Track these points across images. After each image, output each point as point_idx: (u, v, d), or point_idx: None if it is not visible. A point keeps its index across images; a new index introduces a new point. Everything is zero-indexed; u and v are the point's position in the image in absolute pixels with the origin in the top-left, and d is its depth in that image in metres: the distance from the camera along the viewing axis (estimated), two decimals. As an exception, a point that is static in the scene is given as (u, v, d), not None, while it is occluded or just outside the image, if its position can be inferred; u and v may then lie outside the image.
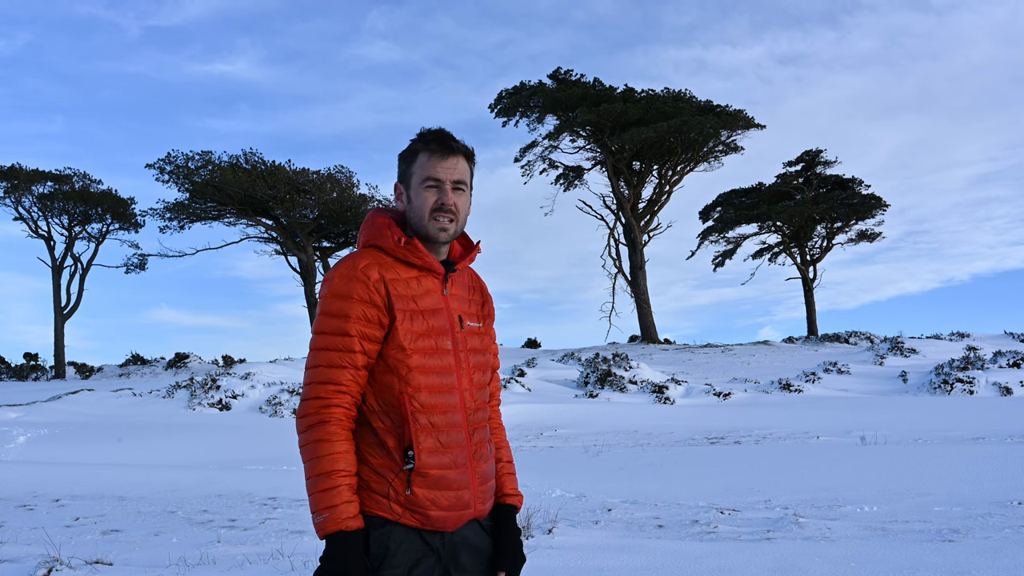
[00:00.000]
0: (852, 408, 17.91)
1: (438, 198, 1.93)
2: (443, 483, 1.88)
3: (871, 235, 46.55)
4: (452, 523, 1.91)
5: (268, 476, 10.39)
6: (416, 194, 1.95)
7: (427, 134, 1.97)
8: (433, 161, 1.94)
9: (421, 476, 1.85)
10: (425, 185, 1.94)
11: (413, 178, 1.96)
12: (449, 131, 1.99)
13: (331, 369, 1.85)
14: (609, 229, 44.38)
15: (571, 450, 12.70)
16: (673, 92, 44.00)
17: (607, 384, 23.52)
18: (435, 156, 1.94)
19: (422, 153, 1.95)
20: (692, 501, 7.58)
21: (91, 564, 4.98)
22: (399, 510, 1.85)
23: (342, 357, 1.86)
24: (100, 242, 40.41)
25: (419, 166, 1.95)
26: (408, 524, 1.86)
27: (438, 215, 1.94)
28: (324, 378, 1.86)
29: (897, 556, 4.70)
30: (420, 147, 1.96)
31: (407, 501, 1.85)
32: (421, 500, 1.85)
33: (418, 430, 1.86)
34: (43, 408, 20.39)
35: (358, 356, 1.86)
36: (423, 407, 1.87)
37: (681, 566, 4.63)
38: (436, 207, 1.93)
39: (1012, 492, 7.12)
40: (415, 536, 1.87)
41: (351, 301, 1.86)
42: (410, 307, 1.90)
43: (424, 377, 1.89)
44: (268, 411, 21.18)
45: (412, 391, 1.87)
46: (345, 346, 1.86)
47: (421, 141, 1.96)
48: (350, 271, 1.88)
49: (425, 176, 1.94)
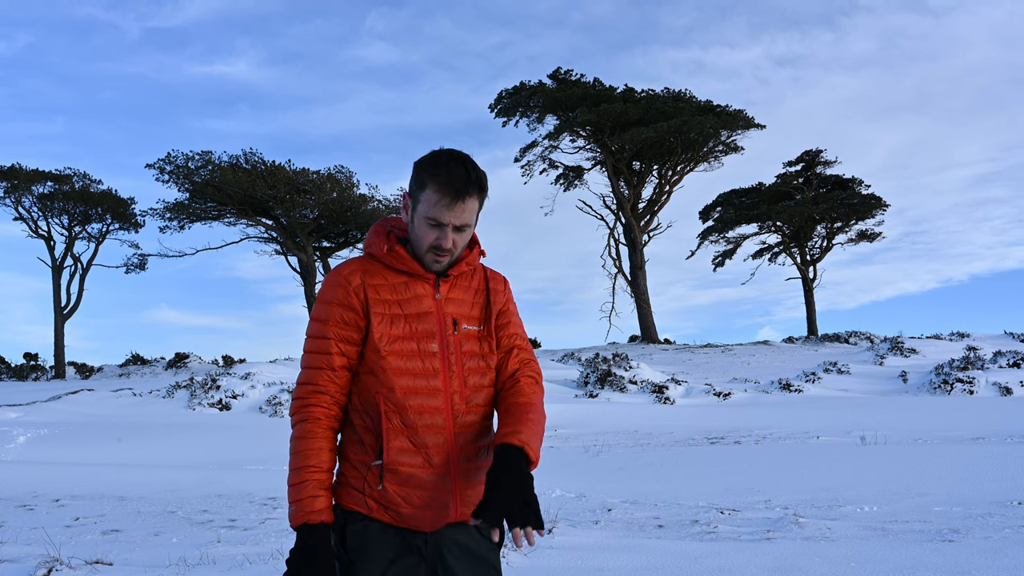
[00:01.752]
0: (852, 408, 17.91)
1: (437, 238, 1.93)
2: (414, 481, 1.91)
3: (871, 235, 46.57)
4: (429, 523, 1.93)
5: (268, 476, 10.39)
6: (419, 225, 1.95)
7: (443, 169, 1.89)
8: (441, 205, 1.89)
9: (391, 472, 1.90)
10: (428, 223, 1.93)
11: (419, 206, 1.94)
12: (469, 162, 1.92)
13: (310, 370, 1.95)
14: (609, 229, 44.42)
15: (571, 450, 12.70)
16: (673, 92, 43.99)
17: (607, 384, 23.52)
18: (444, 201, 1.89)
19: (433, 191, 1.90)
20: (692, 501, 7.58)
21: (91, 564, 4.98)
22: (373, 505, 1.91)
23: (320, 359, 1.95)
24: (100, 242, 40.43)
25: (426, 201, 1.91)
26: (383, 520, 1.91)
27: (434, 252, 1.95)
28: (304, 379, 1.96)
29: (897, 556, 4.70)
30: (432, 184, 1.90)
31: (380, 496, 1.91)
32: (392, 496, 1.91)
33: (389, 428, 1.91)
34: (43, 408, 20.39)
35: (335, 357, 1.94)
36: (396, 407, 1.91)
37: (681, 566, 4.63)
38: (434, 246, 1.94)
39: (1012, 492, 7.12)
40: (393, 533, 1.91)
41: (331, 305, 1.95)
42: (392, 311, 1.95)
43: (399, 379, 1.92)
44: (268, 411, 21.18)
45: (387, 391, 1.92)
46: (323, 348, 1.95)
47: (435, 177, 1.89)
48: (335, 277, 1.98)
49: (430, 216, 1.91)
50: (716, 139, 42.67)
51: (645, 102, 42.52)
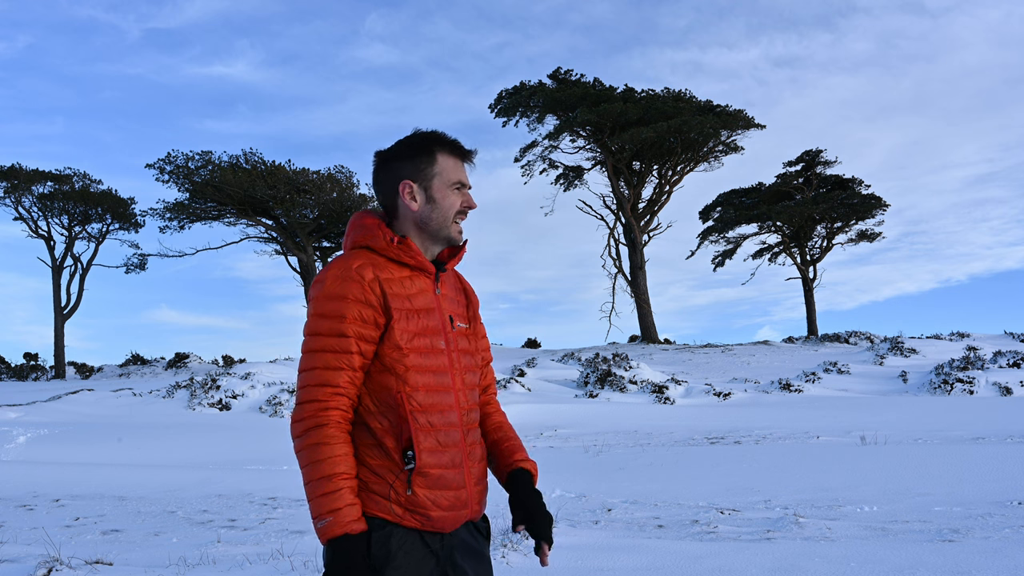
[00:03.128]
0: (852, 408, 17.91)
1: (464, 200, 1.99)
2: (443, 483, 1.87)
3: (871, 235, 46.56)
4: (451, 524, 1.90)
5: (268, 476, 10.39)
6: (443, 196, 1.96)
7: (443, 137, 1.99)
8: (460, 165, 1.99)
9: (422, 476, 1.84)
10: (454, 187, 1.97)
11: (436, 179, 1.96)
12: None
13: (328, 371, 1.82)
14: (609, 229, 44.41)
15: (571, 450, 12.70)
16: (673, 92, 43.99)
17: (607, 384, 23.52)
18: (459, 160, 1.99)
19: (444, 155, 1.97)
20: (692, 501, 7.58)
21: (91, 564, 4.98)
22: (400, 511, 1.83)
23: (339, 358, 1.83)
24: (100, 242, 40.46)
25: (444, 168, 1.97)
26: (409, 525, 1.84)
27: (459, 217, 1.99)
28: (320, 380, 1.82)
29: (897, 556, 4.70)
30: (439, 148, 1.97)
31: (408, 502, 1.83)
32: (422, 501, 1.84)
33: (417, 429, 1.84)
34: (43, 408, 20.39)
35: (355, 357, 1.83)
36: (421, 406, 1.86)
37: (681, 566, 4.63)
38: (463, 209, 1.99)
39: (1012, 492, 7.12)
40: (416, 538, 1.85)
41: (347, 302, 1.83)
42: (405, 306, 1.89)
43: (421, 376, 1.88)
44: (268, 411, 21.18)
45: (410, 390, 1.86)
46: (342, 347, 1.83)
47: (438, 143, 1.97)
48: (344, 272, 1.86)
49: (454, 179, 1.97)
50: (716, 139, 42.67)
51: (645, 102, 42.51)
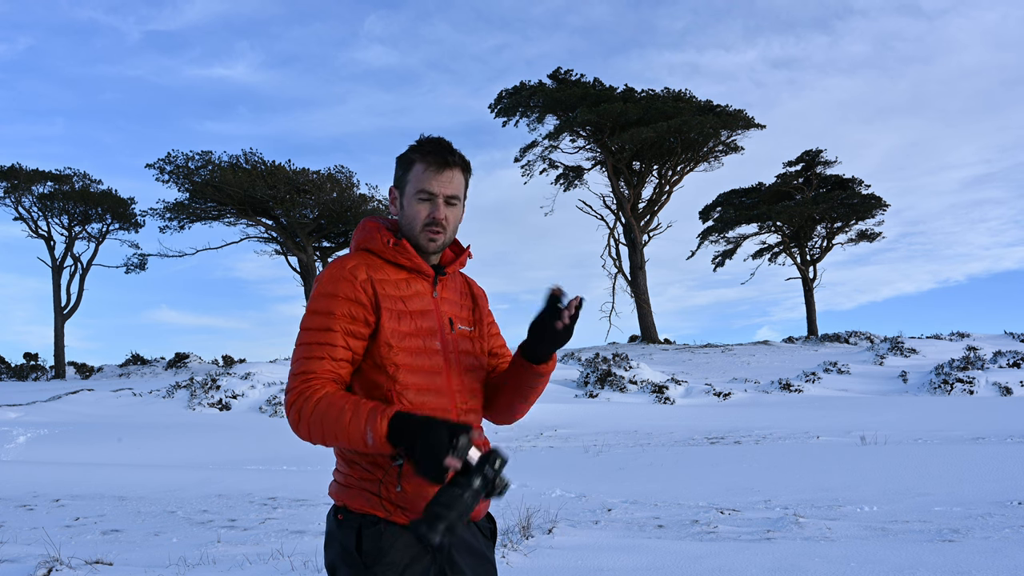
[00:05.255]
0: (852, 408, 17.91)
1: (430, 212, 1.96)
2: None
3: (871, 235, 46.56)
4: None
5: (268, 476, 10.39)
6: (409, 204, 1.97)
7: (426, 144, 1.97)
8: (429, 174, 1.95)
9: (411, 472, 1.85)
10: (419, 197, 1.96)
11: (408, 187, 1.98)
12: (448, 141, 2.00)
13: (310, 360, 1.85)
14: (609, 229, 44.41)
15: (571, 450, 12.70)
16: (673, 92, 43.99)
17: (607, 384, 23.51)
18: (431, 169, 1.95)
19: (419, 164, 1.96)
20: (692, 501, 7.58)
21: (91, 564, 4.98)
22: (390, 507, 1.85)
23: (321, 348, 1.86)
24: (100, 242, 40.42)
25: (415, 177, 1.97)
26: (399, 522, 1.86)
27: (428, 229, 1.96)
28: (302, 368, 1.85)
29: (897, 556, 4.70)
30: (417, 157, 1.97)
31: (398, 498, 1.85)
32: (411, 496, 1.85)
33: None
34: (43, 408, 20.39)
35: (339, 349, 1.86)
36: (412, 405, 1.88)
37: (681, 566, 4.63)
38: (428, 221, 1.96)
39: (1012, 492, 7.12)
40: (408, 535, 1.86)
41: (337, 299, 1.88)
42: (398, 307, 1.92)
43: (411, 376, 1.90)
44: (268, 411, 21.18)
45: (400, 388, 1.88)
46: (326, 340, 1.86)
47: (419, 151, 1.97)
48: (338, 271, 1.91)
49: (419, 188, 1.96)
50: (716, 139, 42.67)
51: (645, 102, 42.51)
